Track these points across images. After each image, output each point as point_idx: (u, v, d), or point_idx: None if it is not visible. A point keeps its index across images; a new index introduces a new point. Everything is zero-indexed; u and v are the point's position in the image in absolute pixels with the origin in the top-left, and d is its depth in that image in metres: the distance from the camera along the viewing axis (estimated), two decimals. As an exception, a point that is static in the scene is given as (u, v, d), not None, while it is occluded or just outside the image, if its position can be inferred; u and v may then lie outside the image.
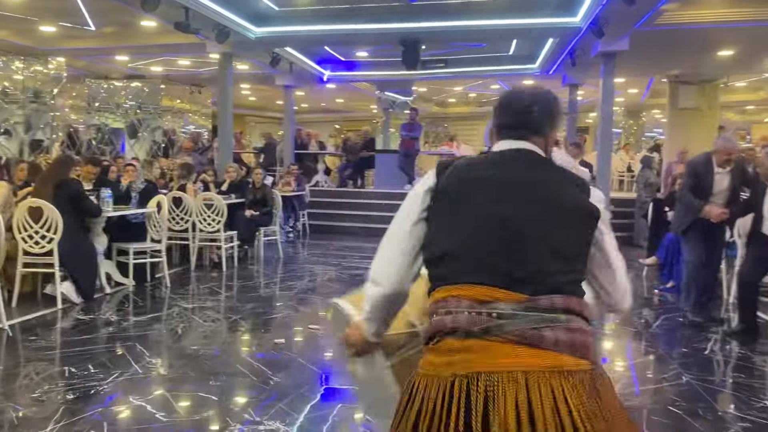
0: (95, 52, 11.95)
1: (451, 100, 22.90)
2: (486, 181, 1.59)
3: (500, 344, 1.41)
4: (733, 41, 9.95)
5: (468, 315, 1.45)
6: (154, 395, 3.63)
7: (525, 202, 1.53)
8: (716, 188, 5.24)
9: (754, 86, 17.31)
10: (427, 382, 1.46)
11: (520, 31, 9.26)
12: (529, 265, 1.47)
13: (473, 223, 1.54)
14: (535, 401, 1.35)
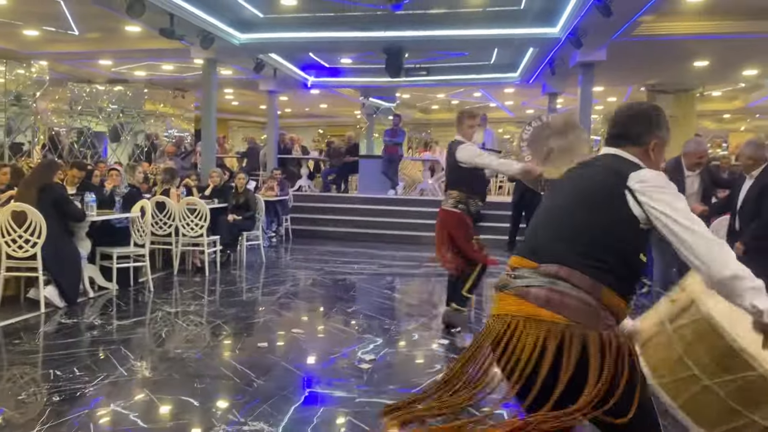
0: (78, 56, 11.93)
1: (434, 107, 23.11)
2: (559, 181, 2.16)
3: (508, 296, 1.94)
4: (707, 52, 10.23)
5: (504, 276, 2.02)
6: (139, 397, 3.69)
7: (562, 194, 2.04)
8: (687, 191, 5.38)
9: (729, 96, 17.72)
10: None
11: (501, 41, 9.43)
12: (543, 242, 1.96)
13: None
14: (508, 335, 1.85)
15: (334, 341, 5.07)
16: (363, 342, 4.99)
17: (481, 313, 6.20)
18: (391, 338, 5.16)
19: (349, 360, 4.51)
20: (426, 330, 5.46)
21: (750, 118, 20.80)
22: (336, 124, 26.59)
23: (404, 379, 4.17)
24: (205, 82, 10.54)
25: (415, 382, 4.07)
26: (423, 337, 5.25)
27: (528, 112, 21.80)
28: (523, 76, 12.34)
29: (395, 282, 7.91)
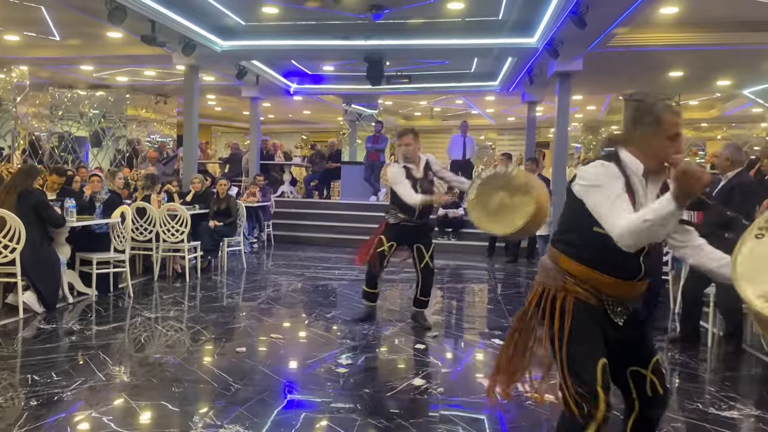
0: (60, 61, 11.89)
1: (416, 114, 23.25)
2: None
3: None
4: (682, 63, 10.46)
5: None
6: (118, 402, 3.73)
7: None
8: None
9: (706, 105, 18.06)
10: None
11: (480, 51, 9.58)
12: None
13: None
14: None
15: (313, 346, 5.14)
16: (341, 347, 5.06)
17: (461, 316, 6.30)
18: (369, 343, 5.25)
19: (327, 365, 4.58)
20: (404, 335, 5.55)
21: (726, 126, 21.19)
22: (319, 130, 26.65)
23: (380, 382, 4.25)
24: (187, 89, 10.57)
25: (390, 386, 4.15)
26: (401, 342, 5.33)
27: (509, 119, 22.04)
28: (503, 84, 12.51)
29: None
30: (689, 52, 9.40)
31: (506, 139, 24.64)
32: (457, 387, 4.23)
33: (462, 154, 12.48)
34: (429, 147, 23.84)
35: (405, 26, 8.98)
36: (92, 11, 7.78)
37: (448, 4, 8.25)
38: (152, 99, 16.10)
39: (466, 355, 5.09)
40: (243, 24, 9.34)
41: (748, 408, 3.97)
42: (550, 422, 3.64)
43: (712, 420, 3.72)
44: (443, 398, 3.96)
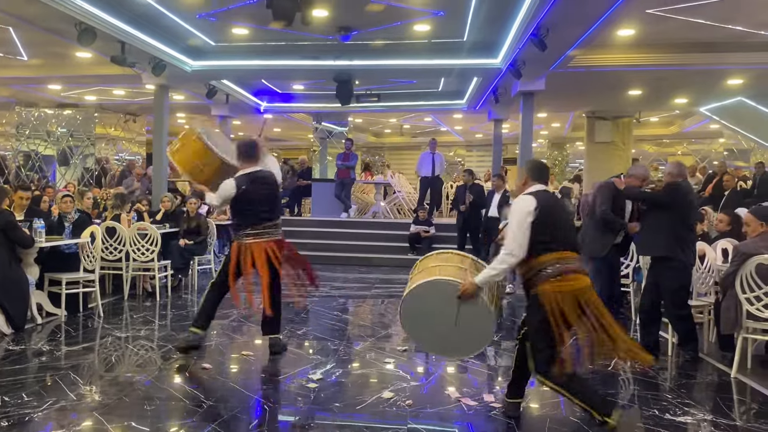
0: (27, 81, 11.81)
1: (386, 131, 23.51)
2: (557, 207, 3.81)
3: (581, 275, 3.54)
4: (640, 82, 10.85)
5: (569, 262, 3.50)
6: (90, 421, 3.76)
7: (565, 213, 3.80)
8: (628, 208, 5.89)
9: (666, 121, 18.64)
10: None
11: (446, 71, 9.82)
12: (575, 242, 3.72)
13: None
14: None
15: (284, 363, 5.21)
16: (313, 363, 5.15)
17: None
18: (340, 359, 5.34)
19: (299, 380, 4.67)
20: (375, 350, 5.65)
21: (686, 142, 21.86)
22: (289, 147, 26.73)
23: (351, 396, 4.34)
24: (156, 108, 10.59)
25: (360, 400, 4.25)
26: (372, 357, 5.43)
27: (477, 136, 22.42)
28: (470, 103, 12.79)
29: (347, 304, 8.08)
30: (647, 71, 9.78)
31: (474, 155, 25.04)
32: (426, 399, 4.35)
33: (431, 171, 12.69)
34: (399, 164, 24.12)
35: (373, 47, 9.18)
36: (61, 32, 7.81)
37: (414, 26, 8.47)
38: (121, 117, 16.04)
39: (438, 368, 5.21)
40: (213, 44, 9.44)
41: (702, 413, 4.17)
42: (514, 430, 3.78)
43: (667, 425, 3.90)
44: (412, 410, 4.07)
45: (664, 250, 5.34)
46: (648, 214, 5.63)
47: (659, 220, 5.42)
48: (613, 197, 5.90)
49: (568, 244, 3.51)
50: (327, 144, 17.33)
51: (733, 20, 7.92)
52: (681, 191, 5.47)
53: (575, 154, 23.14)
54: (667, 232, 5.32)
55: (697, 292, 6.01)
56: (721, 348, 5.66)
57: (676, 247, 5.29)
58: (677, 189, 5.46)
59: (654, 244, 5.48)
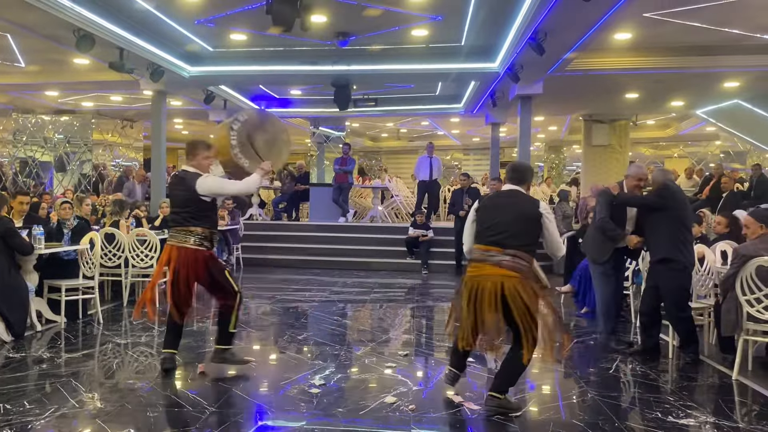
0: (24, 87, 11.80)
1: (383, 135, 23.52)
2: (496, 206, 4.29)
3: (486, 265, 4.08)
4: (637, 85, 10.89)
5: (479, 255, 4.14)
6: (91, 429, 3.75)
7: (505, 213, 4.13)
8: (629, 215, 5.83)
9: (662, 124, 18.71)
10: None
11: (444, 75, 9.85)
12: (503, 238, 4.05)
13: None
14: (499, 286, 4.00)
15: (285, 368, 5.21)
16: (314, 368, 5.14)
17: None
18: (341, 364, 5.33)
19: (300, 386, 4.66)
20: (375, 355, 5.65)
21: (683, 144, 21.93)
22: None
23: (353, 402, 4.34)
24: (154, 114, 10.59)
25: (363, 405, 4.25)
26: (372, 362, 5.43)
27: (474, 140, 22.45)
28: (467, 107, 12.82)
29: (346, 308, 8.08)
30: (643, 75, 9.82)
31: (472, 159, 25.09)
32: (429, 404, 4.35)
33: (429, 175, 12.71)
34: (396, 168, 24.16)
35: (371, 52, 9.20)
36: (60, 39, 7.81)
37: (412, 31, 8.49)
38: (118, 123, 16.02)
39: (437, 372, 5.21)
40: (211, 50, 9.45)
41: (705, 415, 4.17)
42: (517, 435, 3.78)
43: (670, 428, 3.91)
44: (416, 415, 4.07)
45: (664, 252, 5.36)
46: (645, 218, 5.65)
47: (656, 222, 5.45)
48: (611, 204, 5.89)
49: (491, 241, 4.10)
50: (324, 148, 17.35)
51: (730, 23, 7.96)
52: (671, 190, 5.52)
53: (572, 157, 23.20)
54: (666, 233, 5.35)
55: (696, 294, 6.02)
56: (721, 350, 5.67)
57: (675, 249, 5.31)
58: (667, 188, 5.51)
59: (653, 247, 5.51)
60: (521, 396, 4.55)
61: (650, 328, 5.66)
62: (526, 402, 4.43)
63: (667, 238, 5.34)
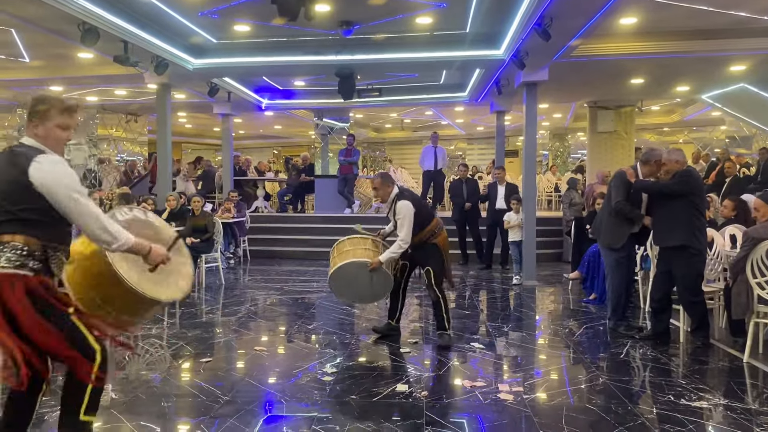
0: (28, 83, 11.81)
1: (387, 126, 23.48)
2: None
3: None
4: (642, 71, 10.83)
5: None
6: (106, 418, 3.78)
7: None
8: (645, 197, 5.76)
9: (667, 109, 18.62)
10: None
11: (449, 63, 9.81)
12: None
13: None
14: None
15: (296, 357, 5.23)
16: (325, 357, 5.16)
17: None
18: (352, 352, 5.36)
19: (312, 374, 4.68)
20: (384, 343, 5.67)
21: (687, 130, 21.84)
22: (291, 144, 26.72)
23: (365, 389, 4.35)
24: (159, 107, 10.59)
25: (375, 392, 4.27)
26: (382, 350, 5.45)
27: (478, 129, 22.40)
28: (472, 95, 12.77)
29: (354, 298, 8.08)
30: (649, 60, 9.76)
31: (476, 149, 25.04)
32: (441, 391, 4.37)
33: (434, 164, 12.69)
34: (400, 158, 24.13)
35: (375, 41, 9.17)
36: (65, 33, 7.80)
37: (416, 18, 8.45)
38: (122, 118, 16.03)
39: (447, 359, 5.22)
40: (215, 42, 9.43)
41: (717, 398, 4.18)
42: (531, 419, 3.80)
43: (683, 410, 3.91)
44: (428, 401, 4.08)
45: (681, 239, 5.30)
46: (659, 204, 5.55)
47: (672, 209, 5.37)
48: (627, 187, 5.75)
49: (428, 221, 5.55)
50: (328, 140, 17.33)
51: (736, 6, 7.90)
52: (693, 176, 5.46)
53: (577, 145, 23.12)
54: (684, 220, 5.30)
55: (706, 278, 6.01)
56: (732, 333, 5.67)
57: (692, 236, 5.28)
58: (690, 175, 5.43)
59: (671, 234, 5.40)
60: (533, 381, 4.56)
61: (661, 313, 5.66)
62: (542, 387, 4.44)
63: (684, 224, 5.29)
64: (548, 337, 6.04)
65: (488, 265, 10.64)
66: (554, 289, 8.87)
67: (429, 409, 3.95)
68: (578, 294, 8.18)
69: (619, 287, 5.94)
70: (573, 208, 10.88)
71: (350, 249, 5.69)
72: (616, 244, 5.82)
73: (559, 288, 8.89)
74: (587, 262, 7.85)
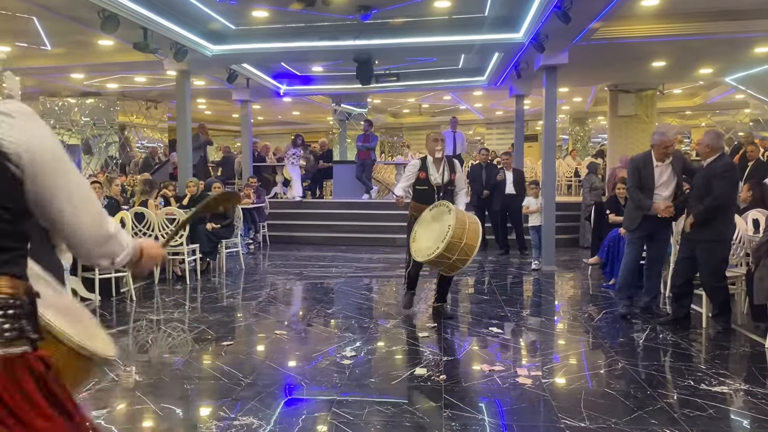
0: (50, 70, 11.93)
1: (405, 111, 23.39)
2: None
3: None
4: (664, 53, 10.65)
5: None
6: (131, 400, 3.86)
7: None
8: (658, 181, 5.72)
9: (689, 92, 18.31)
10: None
11: (467, 47, 9.73)
12: None
13: None
14: None
15: (316, 341, 5.28)
16: (344, 341, 5.21)
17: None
18: (370, 336, 5.40)
19: (331, 358, 4.73)
20: (403, 327, 5.71)
21: (710, 113, 21.47)
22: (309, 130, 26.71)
23: (384, 372, 4.39)
24: (178, 94, 10.65)
25: (394, 375, 4.31)
26: (400, 334, 5.49)
27: (497, 113, 22.24)
28: (490, 79, 12.66)
29: (372, 283, 8.14)
30: (671, 42, 9.59)
31: (495, 133, 24.86)
32: (459, 375, 4.39)
33: (453, 150, 12.64)
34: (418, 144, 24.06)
35: (393, 25, 9.12)
36: (85, 21, 7.87)
37: (434, 2, 8.38)
38: (142, 105, 16.16)
39: (465, 343, 5.25)
40: (233, 28, 9.44)
41: (737, 383, 4.15)
42: (549, 403, 3.81)
43: (703, 395, 3.90)
44: (447, 385, 4.11)
45: (715, 230, 5.28)
46: (698, 193, 5.38)
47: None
48: (638, 169, 5.79)
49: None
50: (346, 126, 17.33)
51: (762, -14, 7.73)
52: (736, 171, 5.51)
53: (597, 129, 22.86)
54: (720, 213, 5.29)
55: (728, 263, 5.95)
56: (753, 319, 5.61)
57: (724, 226, 5.33)
58: (734, 172, 5.47)
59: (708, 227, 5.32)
60: (552, 366, 4.57)
61: (682, 299, 5.62)
62: (562, 373, 4.44)
63: (721, 216, 5.31)
64: (567, 323, 6.04)
65: (506, 251, 10.61)
66: (573, 274, 8.83)
67: (447, 392, 3.98)
68: (598, 279, 8.14)
69: (625, 265, 6.06)
70: (593, 192, 10.80)
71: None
72: (630, 227, 5.96)
73: (578, 273, 8.85)
74: (607, 247, 7.80)
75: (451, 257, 5.32)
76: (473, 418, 3.58)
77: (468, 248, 5.36)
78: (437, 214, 5.67)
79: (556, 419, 3.54)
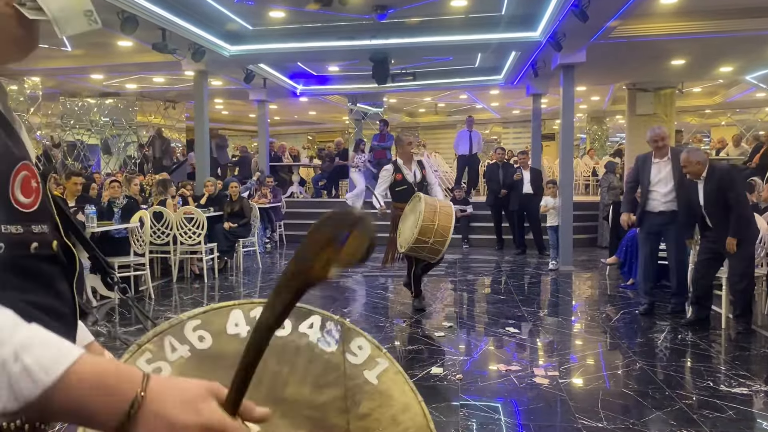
0: (70, 71, 12.08)
1: (421, 110, 23.37)
2: None
3: None
4: (683, 51, 10.54)
5: None
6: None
7: None
8: (654, 178, 5.82)
9: (708, 91, 18.07)
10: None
11: (484, 46, 9.70)
12: None
13: None
14: None
15: (332, 340, 5.29)
16: (360, 339, 5.22)
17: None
18: (386, 335, 5.41)
19: (347, 356, 4.74)
20: (419, 327, 5.71)
21: (730, 112, 21.18)
22: (325, 130, 26.80)
23: (400, 371, 4.40)
24: (196, 94, 10.74)
25: (411, 374, 4.28)
26: (416, 333, 5.49)
27: (514, 112, 22.13)
28: (507, 78, 12.61)
29: (388, 283, 8.15)
30: (690, 40, 9.48)
31: (511, 132, 24.75)
32: (476, 374, 4.39)
33: (469, 149, 12.62)
34: (434, 143, 24.03)
35: (409, 25, 9.11)
36: (105, 22, 7.91)
37: (451, 1, 8.37)
38: (161, 105, 16.29)
39: (481, 343, 5.24)
40: (250, 29, 9.50)
41: (758, 384, 4.10)
42: (566, 403, 3.79)
43: (723, 396, 3.86)
44: (463, 385, 4.11)
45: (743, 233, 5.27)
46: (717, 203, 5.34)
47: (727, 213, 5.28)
48: (637, 166, 6.11)
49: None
50: (362, 125, 17.33)
51: (784, -18, 7.62)
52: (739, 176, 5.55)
53: (615, 128, 22.66)
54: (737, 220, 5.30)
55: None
56: (775, 320, 5.55)
57: (747, 229, 5.31)
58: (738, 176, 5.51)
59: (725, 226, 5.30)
60: (569, 366, 4.55)
61: (703, 299, 5.57)
62: (579, 373, 4.42)
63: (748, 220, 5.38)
64: (585, 323, 6.00)
65: (523, 251, 10.57)
66: (591, 274, 8.78)
67: (464, 391, 3.98)
68: (616, 279, 8.09)
69: (640, 261, 6.26)
70: (611, 192, 10.72)
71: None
72: (636, 223, 6.13)
73: (595, 273, 8.79)
74: (625, 247, 7.74)
75: (428, 240, 5.47)
76: (490, 417, 3.58)
77: (442, 229, 5.51)
78: (413, 207, 5.91)
79: (573, 419, 3.52)
